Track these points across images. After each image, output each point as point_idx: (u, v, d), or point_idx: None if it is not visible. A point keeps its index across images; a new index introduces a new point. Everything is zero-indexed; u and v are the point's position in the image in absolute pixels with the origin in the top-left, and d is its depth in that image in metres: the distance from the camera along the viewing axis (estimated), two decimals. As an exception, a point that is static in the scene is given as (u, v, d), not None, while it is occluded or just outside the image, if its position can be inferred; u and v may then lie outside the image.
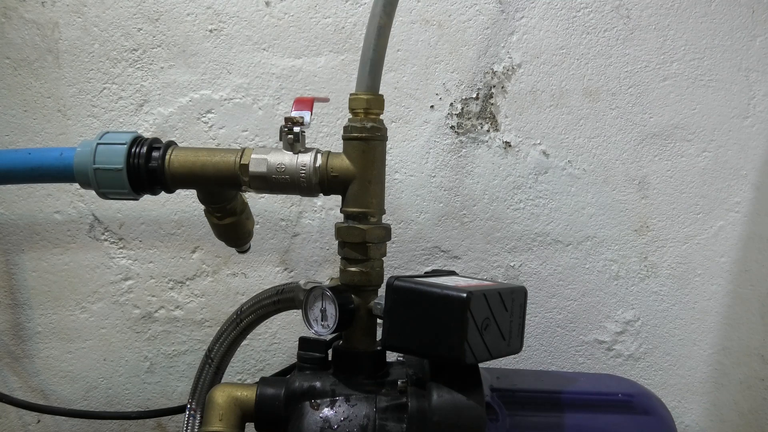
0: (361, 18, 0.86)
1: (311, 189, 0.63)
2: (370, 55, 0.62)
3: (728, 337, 0.90)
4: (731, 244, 0.89)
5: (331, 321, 0.60)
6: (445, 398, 0.56)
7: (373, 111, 0.63)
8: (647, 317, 0.90)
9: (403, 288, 0.57)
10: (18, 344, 0.92)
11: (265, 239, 0.89)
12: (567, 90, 0.87)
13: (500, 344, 0.59)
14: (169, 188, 0.65)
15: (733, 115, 0.87)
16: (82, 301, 0.91)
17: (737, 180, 0.88)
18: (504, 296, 0.59)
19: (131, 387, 0.93)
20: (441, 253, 0.89)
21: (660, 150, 0.87)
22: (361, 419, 0.58)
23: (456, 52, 0.86)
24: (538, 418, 0.64)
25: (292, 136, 0.62)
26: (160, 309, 0.91)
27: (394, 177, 0.87)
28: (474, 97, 0.87)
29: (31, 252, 0.90)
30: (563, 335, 0.90)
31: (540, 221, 0.88)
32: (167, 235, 0.90)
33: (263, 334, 0.91)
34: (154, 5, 0.86)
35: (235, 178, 0.63)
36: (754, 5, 0.86)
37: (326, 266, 0.89)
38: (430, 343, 0.56)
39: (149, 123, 0.87)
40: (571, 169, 0.87)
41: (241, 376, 0.92)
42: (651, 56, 0.86)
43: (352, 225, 0.62)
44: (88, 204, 0.89)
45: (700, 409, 0.91)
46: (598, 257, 0.89)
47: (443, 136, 0.87)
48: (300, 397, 0.60)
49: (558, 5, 0.86)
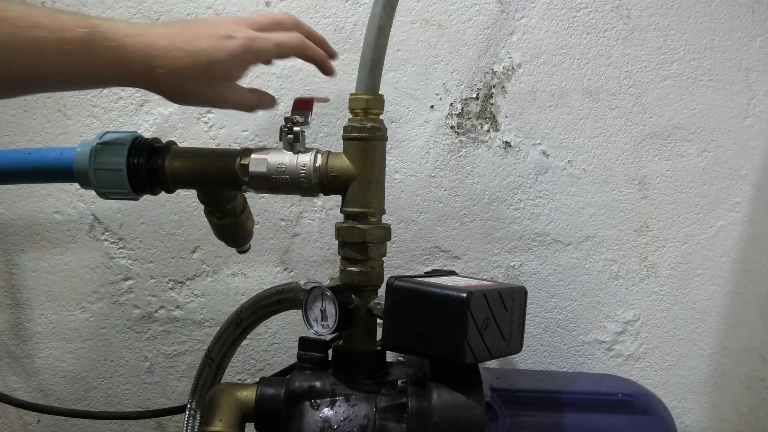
0: (361, 18, 0.86)
1: (311, 189, 0.63)
2: (370, 55, 0.63)
3: (728, 337, 0.90)
4: (731, 244, 0.89)
5: (331, 321, 0.60)
6: (445, 398, 0.56)
7: (373, 111, 0.63)
8: (647, 317, 0.90)
9: (403, 288, 0.57)
10: (18, 344, 0.92)
11: (265, 239, 0.89)
12: (567, 90, 0.87)
13: (500, 344, 0.59)
14: (169, 188, 0.65)
15: (733, 115, 0.87)
16: (82, 301, 0.91)
17: (737, 180, 0.88)
18: (504, 296, 0.59)
19: (131, 387, 0.93)
20: (441, 253, 0.89)
21: (660, 150, 0.87)
22: (361, 419, 0.58)
23: (456, 52, 0.86)
24: (538, 418, 0.64)
25: (292, 136, 0.62)
26: (160, 309, 0.91)
27: (394, 177, 0.87)
28: (474, 97, 0.87)
29: (31, 252, 0.90)
30: (563, 335, 0.90)
31: (540, 221, 0.88)
32: (167, 235, 0.90)
33: (263, 334, 0.91)
34: (154, 5, 0.86)
35: (235, 178, 0.63)
36: (754, 5, 0.86)
37: (326, 266, 0.89)
38: (430, 343, 0.56)
39: (149, 123, 0.87)
40: (571, 169, 0.87)
41: (241, 376, 0.92)
42: (651, 56, 0.86)
43: (352, 225, 0.62)
44: (88, 204, 0.89)
45: (700, 409, 0.91)
46: (598, 257, 0.89)
47: (443, 136, 0.87)
48: (300, 397, 0.60)
49: (558, 5, 0.86)
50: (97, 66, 0.53)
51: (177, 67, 0.55)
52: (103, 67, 0.53)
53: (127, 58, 0.53)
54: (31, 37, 0.49)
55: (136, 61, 0.54)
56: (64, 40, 0.50)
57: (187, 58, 0.55)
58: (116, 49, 0.53)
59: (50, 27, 0.50)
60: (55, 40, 0.50)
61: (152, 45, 0.54)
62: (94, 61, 0.52)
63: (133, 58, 0.54)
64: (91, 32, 0.51)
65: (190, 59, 0.56)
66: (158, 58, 0.54)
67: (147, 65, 0.54)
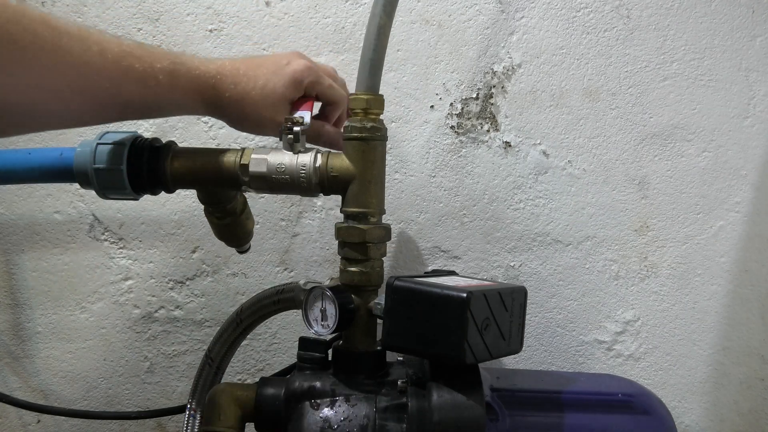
0: (361, 18, 0.86)
1: (311, 189, 0.63)
2: (370, 55, 0.63)
3: (728, 337, 0.90)
4: (731, 244, 0.89)
5: (331, 321, 0.60)
6: (445, 398, 0.56)
7: (373, 111, 0.63)
8: (647, 317, 0.90)
9: (403, 288, 0.57)
10: (18, 344, 0.92)
11: (265, 239, 0.89)
12: (567, 90, 0.87)
13: (500, 344, 0.59)
14: (170, 188, 0.65)
15: (733, 115, 0.87)
16: (82, 301, 0.91)
17: (737, 180, 0.88)
18: (504, 296, 0.59)
19: (131, 387, 0.93)
20: (441, 253, 0.89)
21: (660, 150, 0.87)
22: (361, 419, 0.58)
23: (456, 52, 0.86)
24: (538, 418, 0.64)
25: (292, 136, 0.62)
26: (160, 309, 0.91)
27: (394, 177, 0.87)
28: (474, 97, 0.87)
29: (31, 252, 0.90)
30: (563, 335, 0.90)
31: (540, 221, 0.88)
32: (167, 235, 0.90)
33: (263, 334, 0.91)
34: (154, 5, 0.86)
35: (235, 178, 0.63)
36: (754, 5, 0.86)
37: (326, 266, 0.89)
38: (430, 343, 0.56)
39: (149, 123, 0.87)
40: (571, 169, 0.87)
41: (241, 376, 0.92)
42: (651, 56, 0.86)
43: (352, 225, 0.62)
44: (88, 204, 0.89)
45: (700, 409, 0.91)
46: (598, 257, 0.89)
47: (443, 136, 0.87)
48: (300, 397, 0.60)
49: (558, 5, 0.86)
50: (178, 94, 0.59)
51: (239, 91, 0.61)
52: (183, 95, 0.59)
53: (202, 86, 0.60)
54: (125, 66, 0.54)
55: (208, 89, 0.60)
56: (156, 70, 0.56)
57: (248, 83, 0.61)
58: (195, 78, 0.59)
59: (143, 57, 0.55)
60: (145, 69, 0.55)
61: (221, 73, 0.60)
62: (176, 90, 0.58)
63: (205, 86, 0.60)
64: (175, 63, 0.58)
65: (250, 82, 0.61)
66: (225, 84, 0.60)
67: (216, 92, 0.60)
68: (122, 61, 0.54)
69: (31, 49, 0.48)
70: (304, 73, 0.64)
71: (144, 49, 0.56)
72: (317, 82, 0.65)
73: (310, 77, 0.64)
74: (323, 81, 0.66)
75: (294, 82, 0.63)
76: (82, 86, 0.53)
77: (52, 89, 0.51)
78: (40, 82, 0.50)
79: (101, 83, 0.54)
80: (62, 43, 0.50)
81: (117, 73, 0.54)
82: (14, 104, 0.50)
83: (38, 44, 0.48)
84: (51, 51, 0.50)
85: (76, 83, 0.52)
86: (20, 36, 0.47)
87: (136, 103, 0.57)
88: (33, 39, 0.48)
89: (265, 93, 0.62)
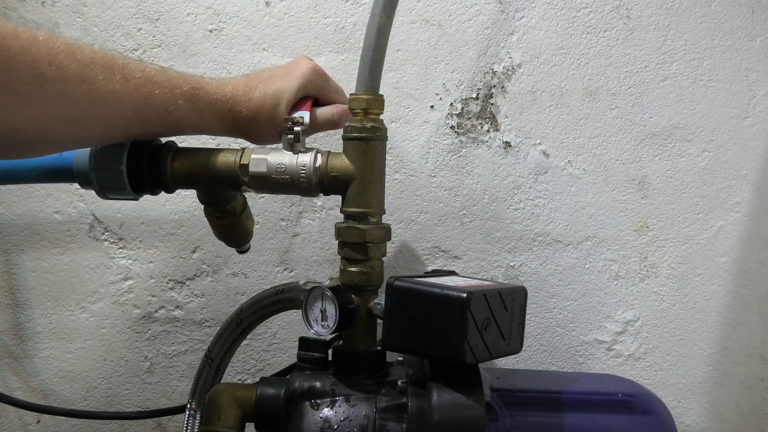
0: (361, 18, 0.86)
1: (311, 189, 0.63)
2: (370, 55, 0.63)
3: (728, 337, 0.90)
4: (731, 244, 0.89)
5: (331, 321, 0.60)
6: (445, 398, 0.56)
7: (373, 111, 0.63)
8: (647, 317, 0.90)
9: (403, 288, 0.57)
10: (18, 344, 0.92)
11: (265, 239, 0.89)
12: (567, 90, 0.87)
13: (500, 344, 0.59)
14: (169, 188, 0.65)
15: (733, 115, 0.87)
16: (82, 301, 0.91)
17: (737, 180, 0.88)
18: (504, 296, 0.59)
19: (131, 387, 0.93)
20: (441, 253, 0.89)
21: (660, 150, 0.87)
22: (361, 419, 0.58)
23: (456, 52, 0.86)
24: (538, 418, 0.64)
25: (292, 136, 0.62)
26: (160, 309, 0.91)
27: (394, 177, 0.87)
28: (474, 97, 0.87)
29: (31, 252, 0.90)
30: (563, 335, 0.90)
31: (540, 221, 0.88)
32: (167, 235, 0.90)
33: (263, 334, 0.91)
34: (154, 5, 0.86)
35: (235, 178, 0.63)
36: (754, 5, 0.86)
37: (326, 266, 0.89)
38: (430, 343, 0.56)
39: (149, 123, 0.87)
40: (571, 169, 0.87)
41: (241, 376, 0.92)
42: (651, 56, 0.86)
43: (352, 225, 0.62)
44: (88, 204, 0.89)
45: (700, 409, 0.91)
46: (598, 257, 0.89)
47: (443, 136, 0.87)
48: (300, 397, 0.60)
49: (558, 5, 0.86)
50: (196, 117, 0.60)
51: (253, 105, 0.62)
52: (200, 120, 0.60)
53: (219, 108, 0.61)
54: (146, 92, 0.55)
55: (225, 109, 0.61)
56: (176, 95, 0.57)
57: (260, 95, 0.62)
58: (213, 102, 0.60)
59: (164, 84, 0.57)
60: (165, 95, 0.57)
61: (235, 92, 0.62)
62: (194, 113, 0.59)
63: (222, 109, 0.61)
64: (195, 88, 0.59)
65: (261, 94, 0.62)
66: (240, 102, 0.62)
67: (233, 111, 0.62)
68: (143, 87, 0.55)
69: (56, 81, 0.48)
70: (309, 75, 0.65)
71: (165, 74, 0.57)
72: (323, 84, 0.67)
73: (316, 77, 0.66)
74: (327, 85, 0.68)
75: (303, 82, 0.65)
76: (103, 114, 0.53)
77: (72, 118, 0.52)
78: (60, 112, 0.50)
79: (123, 111, 0.54)
80: (87, 73, 0.51)
81: (139, 100, 0.55)
82: (30, 131, 0.50)
83: (62, 76, 0.49)
84: (76, 84, 0.50)
85: (98, 111, 0.53)
86: (45, 68, 0.48)
87: (155, 126, 0.58)
88: (58, 71, 0.48)
89: (276, 99, 0.63)
